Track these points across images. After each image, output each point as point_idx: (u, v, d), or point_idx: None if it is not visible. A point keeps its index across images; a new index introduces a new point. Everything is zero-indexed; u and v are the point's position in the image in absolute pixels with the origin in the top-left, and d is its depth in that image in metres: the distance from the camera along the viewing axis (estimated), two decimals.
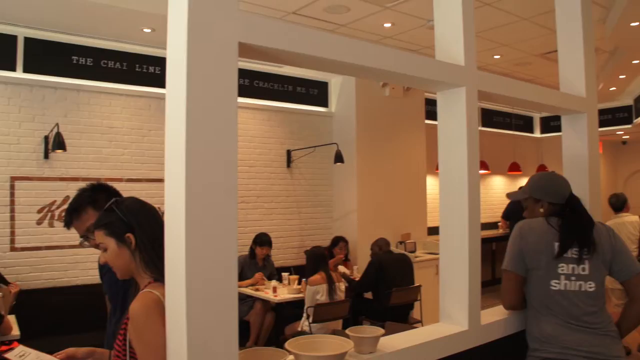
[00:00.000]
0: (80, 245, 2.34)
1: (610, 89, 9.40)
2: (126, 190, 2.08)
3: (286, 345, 1.86)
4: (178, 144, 1.44)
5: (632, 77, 8.51)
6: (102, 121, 5.79)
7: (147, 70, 6.10)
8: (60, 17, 5.25)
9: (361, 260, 6.62)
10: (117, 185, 2.47)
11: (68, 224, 2.31)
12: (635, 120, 9.79)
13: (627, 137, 11.78)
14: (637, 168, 12.13)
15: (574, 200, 2.52)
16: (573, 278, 2.36)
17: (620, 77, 8.42)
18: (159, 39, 5.69)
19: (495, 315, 2.57)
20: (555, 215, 2.50)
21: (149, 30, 5.63)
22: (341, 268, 6.16)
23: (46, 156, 5.45)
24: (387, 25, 6.30)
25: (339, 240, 6.82)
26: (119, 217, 1.82)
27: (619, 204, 6.34)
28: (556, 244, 2.39)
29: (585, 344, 2.31)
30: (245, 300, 5.96)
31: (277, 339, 5.47)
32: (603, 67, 8.37)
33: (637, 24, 5.61)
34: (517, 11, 5.92)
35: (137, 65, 6.06)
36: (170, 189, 1.48)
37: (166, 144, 1.51)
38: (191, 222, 1.41)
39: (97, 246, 1.90)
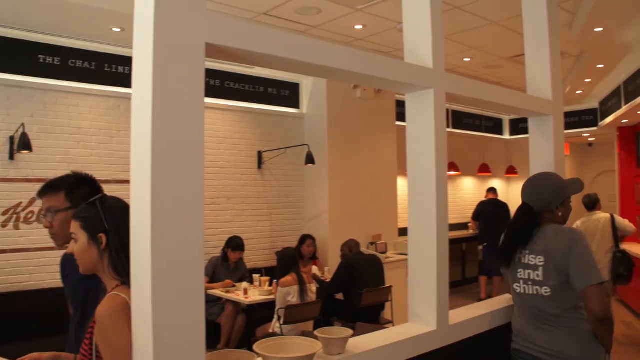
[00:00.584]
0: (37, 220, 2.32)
1: (577, 92, 9.58)
2: None
3: (254, 347, 1.85)
4: (144, 145, 1.43)
5: (597, 81, 8.68)
6: (70, 121, 5.69)
7: (117, 70, 6.02)
8: (26, 14, 5.14)
9: (332, 261, 6.63)
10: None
11: (40, 195, 2.29)
12: (600, 123, 10.00)
13: (593, 139, 12.01)
14: (602, 169, 12.38)
15: (520, 206, 2.61)
16: (530, 283, 2.47)
17: (586, 80, 8.59)
18: (128, 39, 5.54)
19: (464, 315, 2.60)
20: None
21: (118, 30, 5.56)
22: (313, 269, 6.16)
23: (11, 157, 5.33)
24: (359, 27, 6.33)
25: (306, 238, 6.84)
26: (98, 214, 1.79)
27: (590, 204, 6.75)
28: None
29: (546, 341, 2.42)
30: (216, 303, 5.93)
31: (248, 341, 5.45)
32: (570, 70, 8.53)
33: (601, 29, 5.73)
34: (487, 15, 6.00)
35: (106, 65, 5.98)
36: (136, 191, 1.47)
37: (132, 145, 1.50)
38: (157, 223, 1.40)
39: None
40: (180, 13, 1.48)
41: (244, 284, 5.67)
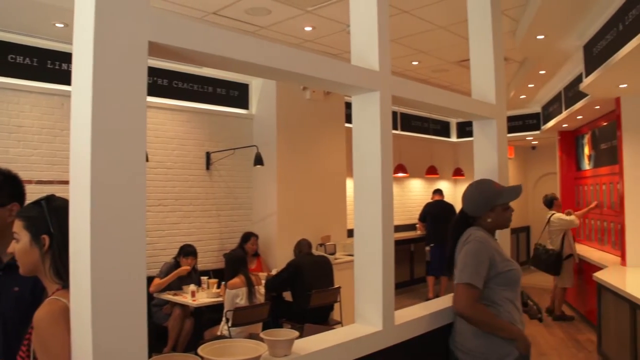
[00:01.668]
0: None
1: (521, 97, 9.85)
2: (36, 192, 1.96)
3: (199, 350, 1.83)
4: (83, 145, 1.39)
5: (540, 86, 8.95)
6: (10, 119, 5.48)
7: (60, 67, 5.84)
8: None
9: (281, 262, 6.59)
10: (26, 188, 2.35)
11: None
12: (542, 127, 10.31)
13: (536, 142, 12.37)
14: (545, 172, 12.77)
15: (458, 212, 2.82)
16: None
17: (529, 86, 8.84)
18: (72, 35, 5.46)
19: (410, 314, 2.64)
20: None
21: (61, 25, 5.40)
22: (261, 275, 6.11)
23: None
24: (308, 28, 6.34)
25: (250, 236, 6.83)
26: (43, 214, 1.73)
27: (547, 203, 7.87)
28: None
29: (458, 335, 2.65)
30: (162, 306, 5.83)
31: (196, 344, 5.36)
32: (514, 76, 8.76)
33: (542, 37, 5.91)
34: (434, 19, 6.11)
35: (49, 62, 5.79)
36: (75, 192, 1.43)
37: (71, 145, 1.46)
38: (96, 225, 1.37)
39: None
40: (122, 10, 1.45)
41: (192, 287, 5.58)
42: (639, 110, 6.09)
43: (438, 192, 9.79)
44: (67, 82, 5.83)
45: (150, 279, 5.77)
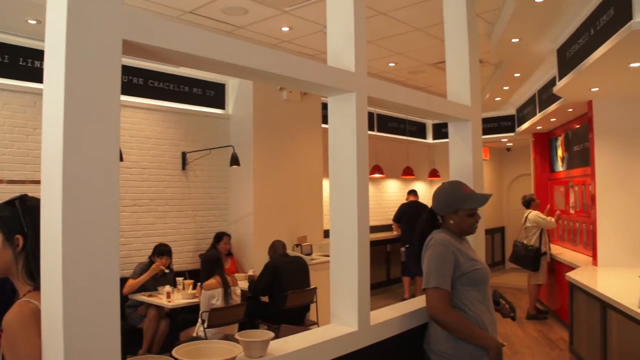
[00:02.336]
0: None
1: (496, 99, 9.96)
2: (6, 192, 1.93)
3: (173, 352, 1.82)
4: (55, 144, 1.37)
5: (514, 89, 9.06)
6: None
7: (33, 64, 5.74)
8: None
9: (257, 263, 6.58)
10: None
11: None
12: (517, 129, 10.44)
13: (511, 144, 12.52)
14: (519, 173, 12.92)
15: (427, 211, 2.86)
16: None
17: (505, 88, 8.94)
18: (45, 32, 5.38)
19: (385, 315, 2.65)
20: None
21: (34, 22, 5.32)
22: (237, 276, 6.08)
23: None
24: (285, 29, 6.33)
25: (222, 236, 6.82)
26: (17, 214, 1.69)
27: (525, 203, 8.16)
28: None
29: (430, 336, 2.66)
30: (137, 308, 5.77)
31: (172, 345, 5.31)
32: (489, 78, 8.86)
33: (517, 40, 5.98)
34: (411, 21, 6.15)
35: (21, 59, 5.69)
36: (47, 192, 1.41)
37: (43, 144, 1.44)
38: (69, 226, 1.35)
39: None
40: (95, 7, 1.43)
41: (167, 288, 5.53)
42: (610, 113, 6.20)
43: (413, 192, 9.84)
44: (40, 79, 5.75)
45: (124, 280, 5.71)
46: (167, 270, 5.91)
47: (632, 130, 6.09)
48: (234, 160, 6.67)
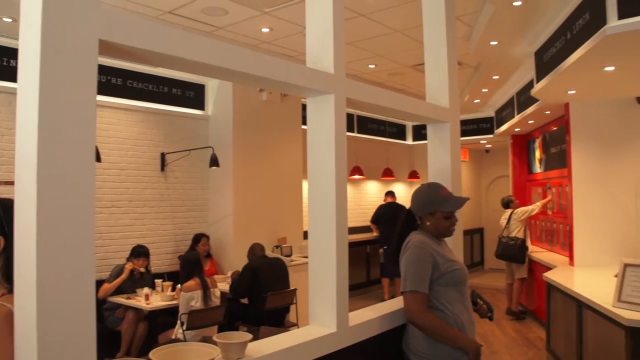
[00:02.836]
0: None
1: (475, 101, 10.05)
2: None
3: (150, 354, 1.80)
4: (29, 145, 1.35)
5: (493, 91, 9.15)
6: None
7: (7, 63, 5.66)
8: None
9: (237, 264, 6.56)
10: None
11: None
12: (496, 131, 10.54)
13: (490, 146, 12.63)
14: (498, 174, 13.04)
15: (405, 211, 2.88)
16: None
17: (483, 90, 9.02)
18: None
19: (364, 316, 2.65)
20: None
21: (9, 20, 5.24)
22: (217, 278, 6.05)
23: None
24: (265, 30, 6.32)
25: (201, 237, 6.79)
26: None
27: (504, 204, 8.40)
28: None
29: (409, 337, 2.68)
30: (115, 310, 5.71)
31: (150, 348, 5.27)
32: (468, 80, 8.92)
33: (495, 43, 6.04)
34: (391, 23, 6.17)
35: None
36: (21, 193, 1.39)
37: (17, 145, 1.41)
38: (43, 228, 1.33)
39: None
40: (71, 6, 1.41)
41: (145, 290, 5.49)
42: (586, 115, 6.29)
43: (390, 194, 9.86)
44: (15, 79, 5.68)
45: (102, 283, 5.66)
46: (143, 270, 5.85)
47: (608, 133, 6.19)
48: (214, 162, 6.65)
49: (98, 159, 5.69)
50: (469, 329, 2.62)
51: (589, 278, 5.53)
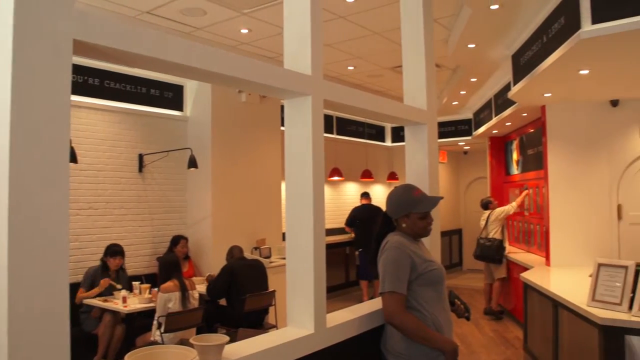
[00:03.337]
0: None
1: (453, 103, 10.13)
2: None
3: (126, 357, 1.79)
4: (1, 146, 1.33)
5: (471, 93, 9.23)
6: None
7: None
8: None
9: (215, 266, 6.52)
10: None
11: None
12: (474, 133, 10.63)
13: (468, 147, 12.73)
14: (476, 176, 13.16)
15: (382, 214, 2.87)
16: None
17: (462, 92, 9.10)
18: None
19: (343, 317, 2.66)
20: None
21: None
22: (196, 280, 6.02)
23: None
24: (244, 31, 6.31)
25: (179, 239, 6.75)
26: None
27: (483, 205, 8.53)
28: None
29: (388, 337, 2.69)
30: (92, 313, 5.64)
31: (128, 351, 5.22)
32: (447, 83, 8.99)
33: (473, 45, 6.10)
34: (370, 25, 6.20)
35: None
36: None
37: None
38: (15, 230, 1.31)
39: None
40: (45, 5, 1.40)
41: (123, 292, 5.43)
42: (562, 118, 6.38)
43: (365, 195, 9.77)
44: None
45: (77, 285, 5.60)
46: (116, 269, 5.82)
47: (584, 135, 6.29)
48: (192, 163, 6.61)
49: (74, 160, 5.63)
50: (446, 329, 2.64)
51: (564, 278, 5.60)
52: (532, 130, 8.05)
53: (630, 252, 5.89)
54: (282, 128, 8.07)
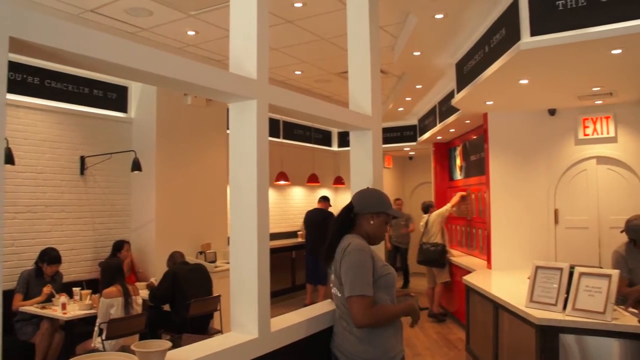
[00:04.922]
0: None
1: (399, 109, 10.29)
2: None
3: None
4: None
5: (416, 100, 9.39)
6: None
7: None
8: None
9: (159, 271, 6.41)
10: None
11: None
12: (419, 138, 10.83)
13: (413, 153, 12.96)
14: (421, 181, 13.40)
15: (345, 206, 2.86)
16: (332, 284, 2.73)
17: (407, 99, 9.25)
18: None
19: (286, 321, 2.66)
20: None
21: None
22: (139, 285, 5.90)
23: None
24: (191, 33, 6.25)
25: (122, 244, 6.58)
26: None
27: (424, 209, 8.82)
28: None
29: (340, 340, 2.67)
30: (30, 321, 5.43)
31: None
32: (392, 89, 9.13)
33: (419, 53, 6.22)
34: (318, 31, 6.24)
35: None
36: None
37: None
38: None
39: None
40: None
41: (62, 298, 5.26)
42: (503, 125, 6.57)
43: (323, 199, 9.51)
44: None
45: (12, 292, 5.40)
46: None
47: (523, 142, 6.50)
48: (136, 166, 6.48)
49: (11, 161, 5.43)
50: (398, 332, 2.71)
51: (505, 280, 5.77)
52: (474, 137, 8.26)
53: (566, 254, 6.12)
54: (228, 131, 8.03)
